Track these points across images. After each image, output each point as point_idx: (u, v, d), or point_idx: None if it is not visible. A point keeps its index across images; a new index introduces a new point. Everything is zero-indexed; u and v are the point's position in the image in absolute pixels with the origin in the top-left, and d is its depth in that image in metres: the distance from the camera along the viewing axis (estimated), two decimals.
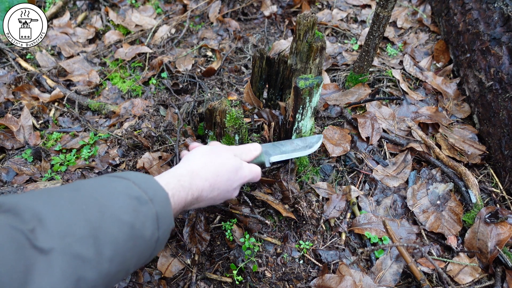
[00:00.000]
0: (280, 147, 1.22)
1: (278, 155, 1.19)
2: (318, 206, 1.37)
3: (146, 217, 0.66)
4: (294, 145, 1.24)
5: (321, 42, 1.31)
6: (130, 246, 0.62)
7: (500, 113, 1.47)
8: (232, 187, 0.98)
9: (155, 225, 0.68)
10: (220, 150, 1.01)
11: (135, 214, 0.64)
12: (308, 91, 1.13)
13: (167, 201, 0.73)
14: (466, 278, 1.21)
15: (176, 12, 2.54)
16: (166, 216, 0.71)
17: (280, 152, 1.20)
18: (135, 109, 1.82)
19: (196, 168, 0.89)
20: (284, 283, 1.21)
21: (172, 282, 1.21)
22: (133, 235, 0.63)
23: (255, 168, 1.08)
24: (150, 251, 0.69)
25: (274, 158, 1.18)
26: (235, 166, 0.98)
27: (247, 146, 1.12)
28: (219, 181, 0.92)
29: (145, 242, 0.66)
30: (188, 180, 0.83)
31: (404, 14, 2.34)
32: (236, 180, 0.98)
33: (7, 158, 1.63)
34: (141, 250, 0.66)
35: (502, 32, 1.60)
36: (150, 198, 0.68)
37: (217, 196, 0.95)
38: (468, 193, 1.39)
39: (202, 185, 0.87)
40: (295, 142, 1.25)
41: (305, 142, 1.26)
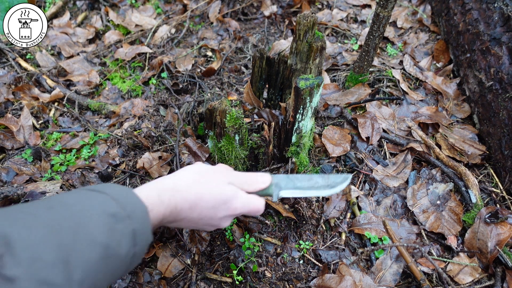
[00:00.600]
0: (295, 181, 1.05)
1: (291, 190, 1.03)
2: (318, 206, 1.37)
3: (123, 235, 0.65)
4: (312, 182, 1.06)
5: (321, 42, 1.31)
6: (103, 266, 0.61)
7: (500, 113, 1.47)
8: (217, 216, 0.92)
9: (131, 242, 0.66)
10: (216, 174, 0.94)
11: (111, 234, 0.63)
12: (308, 91, 1.13)
13: (146, 216, 0.71)
14: (466, 278, 1.21)
15: (176, 12, 2.54)
16: (144, 231, 0.70)
17: (294, 187, 1.04)
18: (135, 109, 1.82)
19: (180, 186, 0.85)
20: (284, 283, 1.21)
21: (172, 282, 1.22)
22: (107, 255, 0.61)
23: (255, 202, 0.96)
24: (125, 267, 0.67)
25: (284, 193, 1.03)
26: (224, 195, 0.90)
27: (254, 175, 1.00)
28: (201, 206, 0.87)
29: (119, 260, 0.64)
30: (168, 196, 0.81)
31: (404, 14, 2.34)
32: (222, 210, 0.91)
33: (7, 158, 1.63)
34: (115, 268, 0.64)
35: (502, 32, 1.60)
36: (128, 214, 0.67)
37: (199, 221, 0.90)
38: (468, 193, 1.39)
39: (181, 204, 0.83)
40: (314, 179, 1.07)
41: (326, 181, 1.08)
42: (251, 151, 1.35)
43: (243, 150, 1.33)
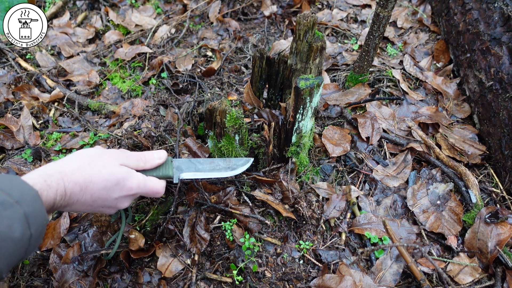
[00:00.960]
0: (196, 164, 1.10)
1: (192, 172, 1.09)
2: (318, 206, 1.37)
3: (13, 220, 0.68)
4: (214, 164, 1.13)
5: (321, 42, 1.31)
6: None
7: (500, 113, 1.47)
8: (112, 197, 0.93)
9: (25, 225, 0.70)
10: (107, 156, 0.95)
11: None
12: (308, 91, 1.13)
13: (37, 199, 0.74)
14: (466, 278, 1.21)
15: (176, 12, 2.54)
16: (38, 213, 0.73)
17: (195, 169, 1.09)
18: (135, 109, 1.82)
19: (67, 170, 0.87)
20: (284, 283, 1.21)
21: (172, 282, 1.21)
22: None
23: (151, 182, 1.00)
24: (24, 249, 0.71)
25: (186, 175, 1.08)
26: (115, 176, 0.92)
27: (148, 152, 1.04)
28: (92, 188, 0.89)
29: (14, 243, 0.68)
30: (55, 180, 0.83)
31: (404, 14, 2.34)
32: (115, 190, 0.93)
33: (7, 158, 1.63)
34: (10, 251, 0.68)
35: (502, 32, 1.59)
36: (16, 200, 0.70)
37: (94, 203, 0.92)
38: (468, 193, 1.39)
39: (71, 188, 0.85)
40: (216, 162, 1.14)
41: (228, 164, 1.15)
42: (251, 151, 1.35)
43: (243, 150, 1.33)
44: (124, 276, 1.22)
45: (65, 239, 1.28)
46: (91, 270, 1.20)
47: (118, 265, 1.23)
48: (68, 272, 1.20)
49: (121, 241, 1.27)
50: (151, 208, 1.33)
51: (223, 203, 1.33)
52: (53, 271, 1.20)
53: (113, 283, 1.21)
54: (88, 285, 1.18)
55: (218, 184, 1.37)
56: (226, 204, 1.32)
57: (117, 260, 1.23)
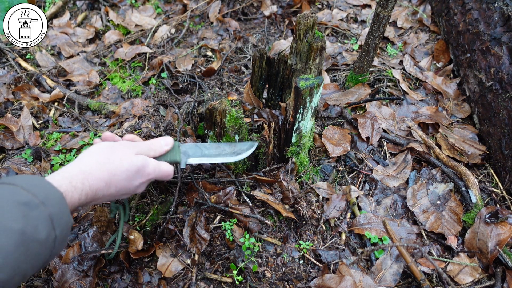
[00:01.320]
0: (202, 149, 1.13)
1: (198, 158, 1.11)
2: (318, 206, 1.37)
3: (38, 220, 0.68)
4: (219, 149, 1.16)
5: (321, 42, 1.31)
6: (22, 251, 0.64)
7: (500, 113, 1.47)
8: (134, 185, 0.98)
9: (50, 226, 0.69)
10: (122, 149, 0.99)
11: (25, 220, 0.65)
12: (308, 91, 1.13)
13: (62, 201, 0.75)
14: (466, 278, 1.21)
15: (176, 12, 2.54)
16: (62, 215, 0.73)
17: (201, 154, 1.12)
18: (135, 109, 1.82)
19: (90, 169, 0.89)
20: (284, 283, 1.21)
21: (172, 282, 1.21)
22: (24, 240, 0.64)
23: (163, 167, 1.04)
24: (49, 251, 0.71)
25: (192, 160, 1.11)
26: (135, 165, 0.96)
27: (156, 140, 1.08)
28: (115, 180, 0.92)
29: (40, 244, 0.68)
30: (80, 181, 0.84)
31: (404, 14, 2.34)
32: (136, 178, 0.98)
33: (7, 158, 1.63)
34: (36, 252, 0.67)
35: (502, 32, 1.59)
36: (41, 201, 0.70)
37: (116, 193, 0.95)
38: (468, 193, 1.39)
39: (97, 185, 0.87)
40: (222, 147, 1.17)
41: (233, 148, 1.17)
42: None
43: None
44: (124, 276, 1.22)
45: None
46: (91, 270, 1.20)
47: (118, 265, 1.23)
48: (68, 272, 1.20)
49: (121, 241, 1.27)
50: (151, 208, 1.33)
51: (223, 203, 1.33)
52: (53, 271, 1.20)
53: (113, 283, 1.21)
54: (88, 285, 1.18)
55: (218, 184, 1.37)
56: (226, 204, 1.32)
57: (117, 260, 1.23)
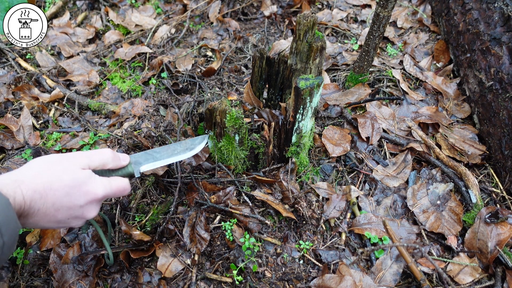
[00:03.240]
0: (153, 154, 1.09)
1: (151, 163, 1.06)
2: (318, 206, 1.37)
3: None
4: (170, 150, 1.12)
5: (321, 42, 1.31)
6: None
7: (500, 113, 1.47)
8: (77, 204, 0.86)
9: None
10: (67, 160, 0.89)
11: None
12: (308, 92, 1.13)
13: (8, 207, 0.72)
14: (466, 278, 1.21)
15: (176, 12, 2.54)
16: (10, 221, 0.71)
17: (154, 159, 1.08)
18: (135, 109, 1.82)
19: (24, 178, 0.81)
20: (284, 283, 1.21)
21: (172, 282, 1.21)
22: None
23: (116, 182, 0.94)
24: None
25: (146, 167, 1.06)
26: (77, 180, 0.86)
27: (110, 152, 0.97)
28: (52, 195, 0.82)
29: None
30: (11, 189, 0.77)
31: (404, 14, 2.34)
32: (80, 196, 0.86)
33: (7, 158, 1.63)
34: None
35: (502, 32, 1.59)
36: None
37: (57, 213, 0.84)
38: (468, 193, 1.39)
39: (30, 196, 0.79)
40: (172, 147, 1.13)
41: (185, 145, 1.14)
42: (251, 151, 1.35)
43: (243, 150, 1.33)
44: (124, 276, 1.22)
45: (65, 239, 1.28)
46: (91, 270, 1.20)
47: (118, 265, 1.23)
48: (68, 272, 1.20)
49: (122, 241, 1.27)
50: (151, 208, 1.33)
51: (223, 203, 1.33)
52: (53, 271, 1.20)
53: (113, 283, 1.21)
54: (88, 285, 1.18)
55: (218, 184, 1.37)
56: (226, 204, 1.32)
57: (117, 260, 1.23)
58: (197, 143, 1.17)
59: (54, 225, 0.88)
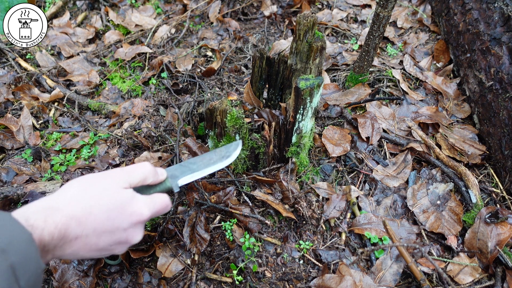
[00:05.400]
0: (189, 166, 1.04)
1: (189, 175, 1.02)
2: (318, 206, 1.37)
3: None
4: (206, 159, 1.08)
5: (321, 42, 1.31)
6: None
7: (500, 113, 1.47)
8: (120, 228, 0.78)
9: (11, 278, 0.57)
10: (105, 179, 0.81)
11: None
12: (309, 92, 1.13)
13: (29, 244, 0.61)
14: (466, 278, 1.21)
15: (176, 12, 2.54)
16: (29, 262, 0.60)
17: (191, 171, 1.03)
18: (135, 109, 1.82)
19: (59, 203, 0.72)
20: (284, 283, 1.21)
21: (172, 282, 1.21)
22: None
23: (158, 199, 0.87)
24: None
25: (183, 180, 1.01)
26: (118, 201, 0.77)
27: (149, 167, 0.90)
28: (92, 220, 0.73)
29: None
30: (41, 218, 0.67)
31: (404, 14, 2.34)
32: (124, 219, 0.78)
33: (7, 158, 1.63)
34: None
35: (502, 32, 1.60)
36: (1, 247, 0.57)
37: (99, 240, 0.76)
38: (468, 193, 1.39)
39: (65, 222, 0.70)
40: (207, 156, 1.09)
41: (220, 154, 1.10)
42: (251, 151, 1.35)
43: (244, 150, 1.33)
44: (124, 276, 1.22)
45: None
46: (91, 270, 1.20)
47: (118, 265, 1.23)
48: (68, 272, 1.20)
49: None
50: None
51: (223, 203, 1.33)
52: (53, 271, 1.20)
53: (113, 283, 1.21)
54: (88, 285, 1.18)
55: (218, 184, 1.37)
56: (226, 204, 1.32)
57: (117, 260, 1.23)
58: (232, 150, 1.11)
59: (95, 254, 0.79)
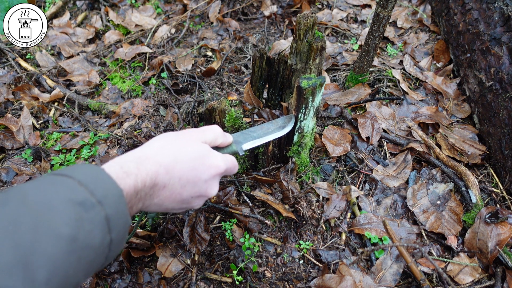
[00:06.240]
0: (250, 133, 1.12)
1: (250, 141, 1.09)
2: (318, 206, 1.37)
3: (93, 224, 0.59)
4: (265, 129, 1.15)
5: (321, 42, 1.31)
6: (73, 260, 0.56)
7: (500, 113, 1.47)
8: (202, 179, 0.83)
9: (105, 229, 0.60)
10: (185, 134, 0.88)
11: (79, 224, 0.57)
12: (311, 91, 1.13)
13: (121, 199, 0.65)
14: (466, 278, 1.21)
15: (176, 12, 2.54)
16: (120, 215, 0.64)
17: (252, 137, 1.10)
18: (135, 109, 1.82)
19: (148, 153, 0.77)
20: (284, 283, 1.21)
21: (172, 282, 1.21)
22: (76, 248, 0.56)
23: (230, 157, 0.93)
24: (104, 256, 0.62)
25: (246, 145, 1.08)
26: (200, 152, 0.83)
27: (219, 131, 0.97)
28: (179, 169, 0.79)
29: (93, 250, 0.59)
30: (134, 166, 0.72)
31: (404, 14, 2.34)
32: (204, 170, 0.83)
33: (7, 158, 1.63)
34: (89, 259, 0.59)
35: (502, 32, 1.59)
36: (98, 200, 0.60)
37: (183, 190, 0.81)
38: (468, 193, 1.39)
39: (155, 170, 0.74)
40: (266, 126, 1.17)
41: (276, 124, 1.18)
42: (250, 151, 1.35)
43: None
44: (124, 276, 1.22)
45: None
46: None
47: (118, 265, 1.23)
48: None
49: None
50: None
51: (223, 203, 1.33)
52: None
53: (113, 283, 1.21)
54: (88, 285, 1.18)
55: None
56: (226, 204, 1.32)
57: (117, 260, 1.23)
58: (287, 122, 1.20)
59: (177, 206, 0.84)
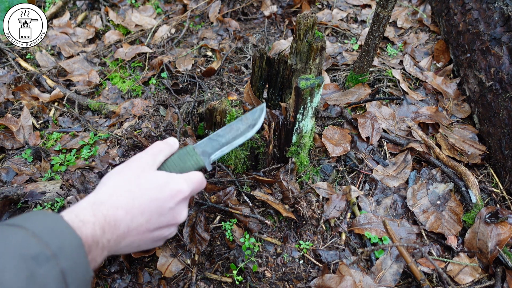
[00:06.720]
0: (218, 139, 1.00)
1: (219, 151, 0.99)
2: (318, 206, 1.37)
3: (47, 279, 0.54)
4: (234, 131, 1.02)
5: (321, 42, 1.31)
6: None
7: (500, 113, 1.47)
8: (166, 207, 0.79)
9: (61, 284, 0.56)
10: (134, 166, 0.81)
11: (30, 281, 0.53)
12: (309, 91, 1.13)
13: (79, 249, 0.61)
14: (466, 278, 1.21)
15: (176, 12, 2.54)
16: (79, 268, 0.60)
17: (220, 145, 0.99)
18: (135, 109, 1.82)
19: (102, 197, 0.73)
20: (284, 283, 1.21)
21: (172, 282, 1.21)
22: None
23: (194, 176, 0.87)
24: None
25: (215, 155, 0.98)
26: (156, 181, 0.79)
27: (160, 147, 0.90)
28: (138, 205, 0.75)
29: None
30: (89, 213, 0.68)
31: (404, 14, 2.34)
32: (166, 198, 0.78)
33: (7, 158, 1.63)
34: None
35: (502, 32, 1.59)
36: (53, 252, 0.56)
37: (149, 224, 0.76)
38: (468, 193, 1.39)
39: (112, 213, 0.71)
40: (234, 127, 1.03)
41: (246, 122, 1.05)
42: (251, 151, 1.35)
43: (243, 150, 1.33)
44: (124, 276, 1.22)
45: None
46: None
47: (118, 265, 1.23)
48: None
49: None
50: None
51: (223, 203, 1.33)
52: None
53: (113, 283, 1.21)
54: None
55: (218, 184, 1.37)
56: (226, 204, 1.32)
57: (117, 260, 1.23)
58: (257, 117, 1.06)
59: (150, 241, 0.80)
